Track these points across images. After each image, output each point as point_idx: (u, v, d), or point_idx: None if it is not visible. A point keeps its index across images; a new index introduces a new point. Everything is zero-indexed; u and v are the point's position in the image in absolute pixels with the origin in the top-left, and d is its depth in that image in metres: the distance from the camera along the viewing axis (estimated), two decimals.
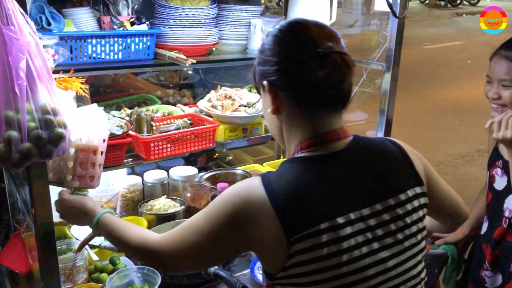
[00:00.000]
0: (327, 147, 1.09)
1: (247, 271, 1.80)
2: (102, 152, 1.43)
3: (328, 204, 1.02)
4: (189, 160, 2.64)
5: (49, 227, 1.32)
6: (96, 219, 1.32)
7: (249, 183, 1.06)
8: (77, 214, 1.39)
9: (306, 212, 1.00)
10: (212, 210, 1.08)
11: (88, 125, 1.39)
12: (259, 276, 1.75)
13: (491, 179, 1.85)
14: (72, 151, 1.34)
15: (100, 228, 1.32)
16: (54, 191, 1.38)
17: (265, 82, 1.12)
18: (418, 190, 1.12)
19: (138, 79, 2.57)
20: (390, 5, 1.88)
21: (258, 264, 1.82)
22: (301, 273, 1.00)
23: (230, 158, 3.36)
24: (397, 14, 1.90)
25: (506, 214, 1.76)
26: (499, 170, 1.81)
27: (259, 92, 1.20)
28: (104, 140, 1.44)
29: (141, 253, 1.21)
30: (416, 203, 1.11)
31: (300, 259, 0.99)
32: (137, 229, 1.26)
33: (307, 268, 0.99)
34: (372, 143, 1.16)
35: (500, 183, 1.80)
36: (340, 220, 1.00)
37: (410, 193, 1.10)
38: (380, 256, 1.03)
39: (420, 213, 1.11)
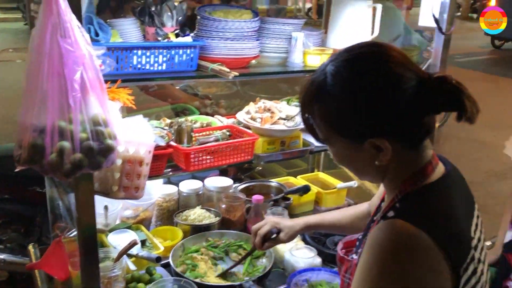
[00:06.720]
0: (436, 172, 1.05)
1: (283, 287, 1.78)
2: (147, 163, 1.44)
3: (466, 224, 1.02)
4: (221, 170, 2.64)
5: (92, 232, 1.33)
6: None
7: (397, 232, 0.93)
8: None
9: (463, 238, 0.98)
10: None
11: (135, 136, 1.40)
12: None
13: None
14: (119, 162, 1.35)
15: None
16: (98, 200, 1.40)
17: (370, 140, 0.97)
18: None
19: (175, 89, 2.59)
20: (436, 21, 1.84)
21: (295, 279, 1.79)
22: None
23: (260, 169, 3.35)
24: (444, 30, 1.86)
25: None
26: None
27: (331, 144, 1.06)
28: (150, 152, 1.44)
29: None
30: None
31: None
32: None
33: None
34: (449, 162, 1.14)
35: None
36: (475, 240, 1.01)
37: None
38: (484, 269, 1.05)
39: None
